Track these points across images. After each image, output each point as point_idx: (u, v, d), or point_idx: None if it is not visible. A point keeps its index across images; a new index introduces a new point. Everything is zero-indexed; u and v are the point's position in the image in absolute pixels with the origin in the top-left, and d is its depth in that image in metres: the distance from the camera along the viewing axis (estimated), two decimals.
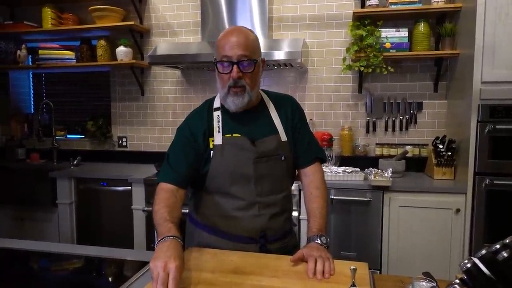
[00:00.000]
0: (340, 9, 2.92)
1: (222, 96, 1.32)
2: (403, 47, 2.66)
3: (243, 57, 1.25)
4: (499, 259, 0.59)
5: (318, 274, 1.08)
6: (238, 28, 1.32)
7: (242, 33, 1.28)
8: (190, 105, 3.26)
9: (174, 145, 1.37)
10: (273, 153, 1.34)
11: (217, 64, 1.28)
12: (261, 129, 1.36)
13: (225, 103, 1.33)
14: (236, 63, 1.25)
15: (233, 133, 1.34)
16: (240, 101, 1.28)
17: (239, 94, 1.28)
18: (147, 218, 2.68)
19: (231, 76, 1.25)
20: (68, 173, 2.92)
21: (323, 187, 1.41)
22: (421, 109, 2.87)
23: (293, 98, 1.50)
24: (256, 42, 1.31)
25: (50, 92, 3.70)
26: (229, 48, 1.25)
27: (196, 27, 3.12)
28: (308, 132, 1.47)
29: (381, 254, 2.42)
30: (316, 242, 1.23)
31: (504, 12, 2.19)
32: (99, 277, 1.28)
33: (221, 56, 1.26)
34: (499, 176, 2.25)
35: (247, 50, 1.26)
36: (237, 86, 1.27)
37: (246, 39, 1.28)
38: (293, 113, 1.43)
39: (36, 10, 3.26)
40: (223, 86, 1.29)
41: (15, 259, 1.36)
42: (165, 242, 1.04)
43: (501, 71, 2.22)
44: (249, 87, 1.28)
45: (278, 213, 1.36)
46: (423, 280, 0.92)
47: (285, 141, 1.38)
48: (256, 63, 1.28)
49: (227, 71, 1.26)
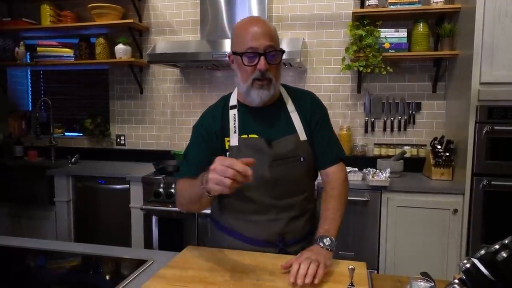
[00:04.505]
0: (340, 9, 2.92)
1: (244, 90, 1.25)
2: (402, 48, 2.66)
3: (270, 48, 1.19)
4: (498, 259, 0.59)
5: (298, 279, 1.00)
6: (257, 17, 1.27)
7: (264, 23, 1.22)
8: (189, 104, 3.26)
9: (190, 144, 1.36)
10: (291, 154, 1.28)
11: (243, 57, 1.19)
12: (278, 128, 1.30)
13: (248, 96, 1.26)
14: (263, 54, 1.18)
15: (249, 134, 1.28)
16: (266, 94, 1.23)
17: (265, 87, 1.22)
18: (145, 217, 2.67)
19: (257, 68, 1.19)
20: (66, 171, 2.91)
21: (340, 188, 1.31)
22: (419, 109, 2.87)
23: (313, 94, 1.42)
24: (277, 33, 1.26)
25: (48, 90, 3.69)
26: (254, 38, 1.18)
27: (195, 26, 3.12)
28: (329, 131, 1.38)
29: (379, 254, 2.42)
30: (318, 244, 1.15)
31: (503, 13, 2.20)
32: (96, 275, 1.27)
33: (246, 47, 1.19)
34: (497, 177, 2.26)
35: (272, 40, 1.20)
36: (263, 79, 1.20)
37: (269, 28, 1.22)
38: (312, 110, 1.35)
39: (34, 7, 3.25)
40: (246, 79, 1.22)
41: (12, 257, 1.35)
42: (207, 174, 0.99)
43: (499, 72, 2.23)
44: (274, 80, 1.23)
45: (297, 215, 1.31)
46: (421, 280, 0.92)
47: (305, 140, 1.31)
48: (283, 53, 1.23)
49: (252, 63, 1.19)
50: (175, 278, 1.07)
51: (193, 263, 1.18)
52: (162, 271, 1.12)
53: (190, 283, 1.04)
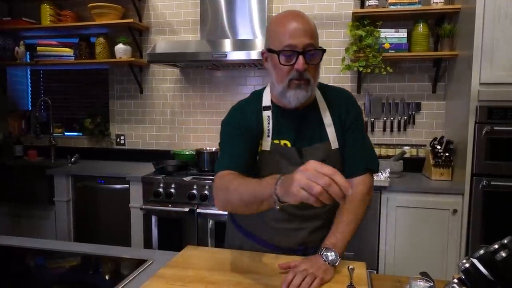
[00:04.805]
0: (340, 9, 2.92)
1: (279, 90, 1.17)
2: (402, 48, 2.66)
3: (310, 46, 1.11)
4: (497, 259, 0.60)
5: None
6: (295, 12, 1.17)
7: (303, 18, 1.14)
8: (189, 104, 3.26)
9: (226, 138, 1.23)
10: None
11: (280, 55, 1.11)
12: (310, 134, 1.23)
13: (283, 97, 1.17)
14: (302, 53, 1.10)
15: (281, 139, 1.22)
16: (303, 95, 1.15)
17: (302, 87, 1.14)
18: (144, 216, 2.67)
19: (295, 68, 1.10)
20: (65, 170, 2.91)
21: (357, 203, 1.23)
22: (419, 109, 2.88)
23: (349, 94, 1.33)
24: (316, 29, 1.16)
25: (48, 89, 3.69)
26: (293, 35, 1.10)
27: (195, 26, 3.12)
28: (361, 137, 1.29)
29: (379, 254, 2.43)
30: (321, 256, 1.11)
31: (503, 14, 2.20)
32: (96, 275, 1.27)
33: (283, 45, 1.10)
34: (496, 177, 2.26)
35: (312, 38, 1.12)
36: (301, 79, 1.13)
37: (309, 25, 1.13)
38: (347, 112, 1.26)
39: (34, 6, 3.25)
40: (282, 79, 1.14)
41: (11, 256, 1.35)
42: (284, 178, 0.84)
43: (499, 73, 2.23)
44: (312, 80, 1.15)
45: (320, 226, 1.27)
46: (421, 280, 0.92)
47: (336, 149, 1.24)
48: (324, 53, 1.15)
49: (290, 62, 1.11)
50: (175, 278, 1.07)
51: (192, 263, 1.18)
52: (161, 271, 1.12)
53: (189, 283, 1.04)
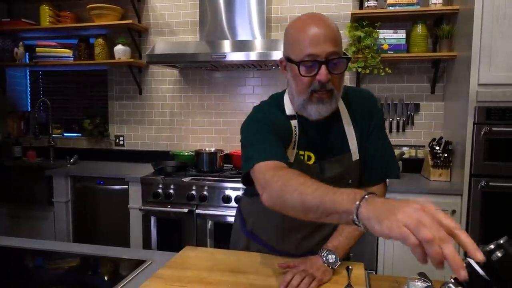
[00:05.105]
0: (339, 10, 2.93)
1: (299, 103, 1.07)
2: (400, 49, 2.67)
3: (333, 55, 1.00)
4: (493, 259, 0.60)
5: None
6: (315, 15, 1.06)
7: (324, 22, 1.03)
8: (188, 104, 3.26)
9: (258, 132, 1.09)
10: (340, 177, 1.15)
11: (300, 66, 1.02)
12: (332, 145, 1.16)
13: (304, 111, 1.08)
14: (325, 62, 1.00)
15: (306, 150, 1.14)
16: (326, 108, 1.05)
17: (325, 100, 1.04)
18: (143, 217, 2.67)
19: (317, 79, 1.01)
20: (64, 171, 2.91)
21: None
22: (418, 110, 2.88)
23: (370, 95, 1.24)
24: (339, 33, 1.05)
25: (47, 90, 3.69)
26: (314, 43, 0.99)
27: (195, 27, 3.12)
28: (382, 142, 1.21)
29: (377, 254, 2.43)
30: (321, 257, 1.09)
31: (501, 15, 2.21)
32: (95, 276, 1.27)
33: (304, 54, 1.01)
34: (495, 178, 2.26)
35: (336, 45, 1.01)
36: (324, 91, 1.03)
37: (332, 30, 1.02)
38: (370, 118, 1.18)
39: (34, 7, 3.25)
40: (303, 91, 1.05)
41: (10, 257, 1.35)
42: (372, 199, 0.71)
43: (497, 74, 2.23)
44: (336, 91, 1.05)
45: (330, 234, 1.21)
46: (418, 280, 0.93)
47: (356, 160, 1.17)
48: (349, 61, 1.06)
49: (312, 73, 1.01)
50: (174, 278, 1.07)
51: (191, 263, 1.18)
52: (160, 271, 1.12)
53: (188, 283, 1.05)
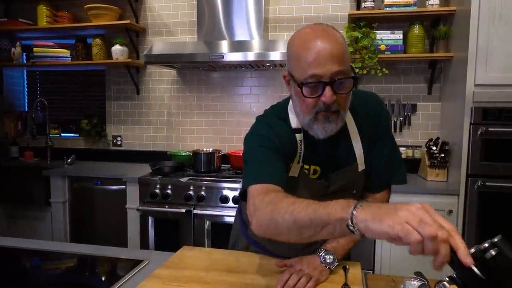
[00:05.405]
0: (336, 11, 2.94)
1: (305, 122, 1.02)
2: (397, 49, 2.68)
3: (339, 74, 0.93)
4: (487, 257, 0.61)
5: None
6: (320, 29, 0.96)
7: (330, 38, 0.93)
8: (186, 105, 3.26)
9: (261, 148, 1.04)
10: (344, 188, 1.13)
11: (303, 88, 0.94)
12: (339, 158, 1.12)
13: (310, 129, 1.03)
14: (330, 83, 0.93)
15: (311, 164, 1.11)
16: (332, 127, 0.99)
17: (331, 120, 0.98)
18: (141, 217, 2.67)
19: (322, 101, 0.94)
20: (62, 171, 2.90)
21: None
22: (415, 111, 2.89)
23: (378, 100, 1.18)
24: (346, 46, 0.98)
25: (45, 90, 3.68)
26: (318, 63, 0.91)
27: (192, 27, 3.13)
28: (389, 149, 1.16)
29: (374, 254, 2.43)
30: (319, 257, 1.09)
31: (497, 16, 2.22)
32: (92, 276, 1.27)
33: (307, 75, 0.93)
34: (491, 178, 2.27)
35: (342, 63, 0.93)
36: (330, 111, 0.97)
37: (338, 47, 0.93)
38: (377, 121, 1.14)
39: (31, 7, 3.24)
40: (307, 111, 0.98)
41: (7, 257, 1.35)
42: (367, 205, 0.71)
43: (494, 74, 2.25)
44: (343, 110, 0.99)
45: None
46: (414, 279, 0.93)
47: (362, 171, 1.14)
48: (356, 80, 1.02)
49: (315, 94, 0.95)
50: (171, 278, 1.08)
51: (189, 263, 1.18)
52: (157, 271, 1.12)
53: (185, 283, 1.05)
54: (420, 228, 0.60)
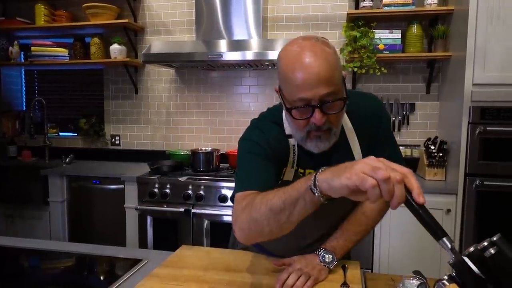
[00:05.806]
0: (334, 10, 2.93)
1: (298, 138, 1.03)
2: (396, 49, 2.68)
3: (328, 96, 0.90)
4: (486, 256, 0.61)
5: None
6: (310, 46, 0.92)
7: (319, 58, 0.89)
8: (184, 104, 3.26)
9: (251, 154, 1.05)
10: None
11: (291, 111, 0.93)
12: (336, 160, 1.02)
13: (303, 145, 1.03)
14: (319, 106, 0.91)
15: (306, 168, 1.10)
16: (325, 145, 0.99)
17: (323, 138, 0.98)
18: (139, 217, 2.66)
19: (312, 122, 0.94)
20: (60, 171, 2.90)
21: (373, 218, 1.18)
22: (413, 110, 2.90)
23: (377, 101, 1.18)
24: (337, 61, 0.94)
25: (43, 89, 3.67)
26: (306, 87, 0.89)
27: (191, 26, 3.12)
28: (389, 148, 1.15)
29: (373, 253, 2.44)
30: (318, 256, 1.09)
31: (495, 16, 2.22)
32: (90, 275, 1.27)
33: (295, 97, 0.91)
34: (490, 177, 2.28)
35: (332, 84, 0.90)
36: (321, 130, 0.96)
37: (326, 67, 0.89)
38: (377, 122, 1.13)
39: (29, 6, 3.23)
40: (299, 130, 0.99)
41: (5, 256, 1.35)
42: (327, 168, 0.75)
43: (492, 74, 2.25)
44: (335, 128, 0.98)
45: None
46: (413, 278, 0.94)
47: None
48: (346, 101, 0.95)
49: (305, 116, 0.93)
50: (170, 277, 1.08)
51: (187, 262, 1.18)
52: (156, 270, 1.12)
53: (184, 282, 1.05)
54: (373, 173, 0.65)
